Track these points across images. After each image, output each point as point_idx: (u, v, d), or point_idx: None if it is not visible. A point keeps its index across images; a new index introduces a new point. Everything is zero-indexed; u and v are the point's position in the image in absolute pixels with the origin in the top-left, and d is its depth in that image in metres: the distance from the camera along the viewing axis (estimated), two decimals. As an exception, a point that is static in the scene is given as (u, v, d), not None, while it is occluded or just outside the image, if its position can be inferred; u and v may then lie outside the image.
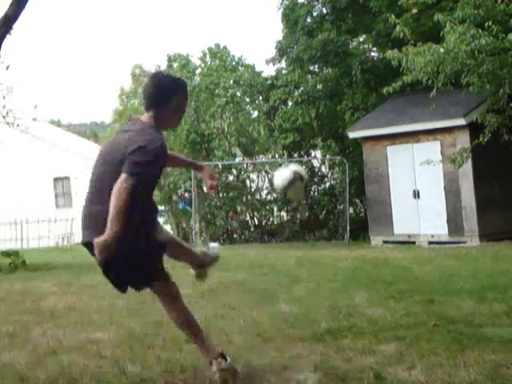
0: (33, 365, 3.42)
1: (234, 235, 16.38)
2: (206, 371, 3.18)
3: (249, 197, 16.44)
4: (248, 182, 16.63)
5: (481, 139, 8.96)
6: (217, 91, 16.93)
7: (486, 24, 8.41)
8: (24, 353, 3.66)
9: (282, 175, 3.21)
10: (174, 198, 17.57)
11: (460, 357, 3.23)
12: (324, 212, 15.92)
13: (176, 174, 17.01)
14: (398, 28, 9.05)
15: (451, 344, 3.48)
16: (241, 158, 17.30)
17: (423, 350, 3.38)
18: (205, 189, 3.03)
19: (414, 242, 12.07)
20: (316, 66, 16.35)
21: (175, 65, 17.83)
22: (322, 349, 3.53)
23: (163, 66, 18.12)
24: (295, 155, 16.22)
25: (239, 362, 3.32)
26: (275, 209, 16.44)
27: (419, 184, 12.15)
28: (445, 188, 11.81)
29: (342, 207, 15.19)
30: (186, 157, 3.76)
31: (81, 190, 25.78)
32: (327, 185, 16.16)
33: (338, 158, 15.44)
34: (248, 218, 16.53)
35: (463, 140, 11.22)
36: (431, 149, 11.73)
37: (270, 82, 16.47)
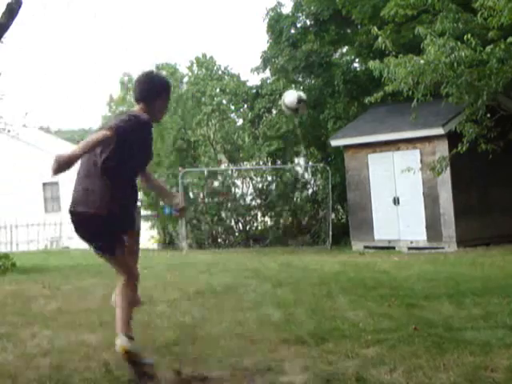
0: (22, 366, 3.46)
1: (219, 240, 16.44)
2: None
3: (234, 202, 16.53)
4: (233, 188, 16.73)
5: (459, 148, 9.16)
6: (203, 99, 17.05)
7: (465, 37, 8.59)
8: (14, 354, 3.70)
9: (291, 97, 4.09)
10: (161, 202, 17.56)
11: (440, 359, 3.30)
12: (307, 218, 16.08)
13: (162, 180, 17.03)
14: (379, 39, 9.20)
15: (431, 347, 3.55)
16: (226, 165, 17.41)
17: (404, 353, 3.45)
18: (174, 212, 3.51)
19: (393, 248, 12.25)
20: (300, 76, 16.54)
21: (163, 73, 17.94)
22: (305, 351, 3.61)
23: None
24: (279, 162, 16.35)
25: (225, 363, 3.41)
26: (259, 214, 16.55)
27: (399, 191, 12.36)
28: (424, 195, 12.04)
29: (324, 213, 15.35)
30: (161, 182, 4.33)
31: (69, 195, 25.59)
32: (310, 191, 16.32)
33: (321, 165, 15.62)
34: (233, 223, 16.61)
35: (442, 149, 11.44)
36: (411, 157, 11.95)
37: (254, 90, 16.63)
